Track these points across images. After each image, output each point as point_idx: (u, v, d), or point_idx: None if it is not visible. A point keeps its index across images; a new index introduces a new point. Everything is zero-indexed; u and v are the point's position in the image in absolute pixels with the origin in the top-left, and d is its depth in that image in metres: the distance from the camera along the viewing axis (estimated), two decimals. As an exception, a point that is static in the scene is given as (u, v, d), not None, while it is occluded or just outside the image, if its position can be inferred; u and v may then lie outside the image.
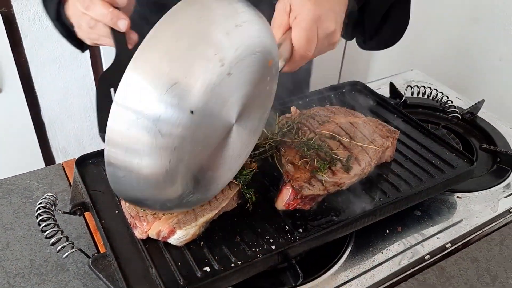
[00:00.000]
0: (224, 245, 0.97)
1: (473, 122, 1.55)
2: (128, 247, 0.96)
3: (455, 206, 1.24)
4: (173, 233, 0.94)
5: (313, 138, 1.15)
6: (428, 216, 1.20)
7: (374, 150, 1.15)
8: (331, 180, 1.06)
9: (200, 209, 0.98)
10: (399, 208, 1.11)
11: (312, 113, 1.28)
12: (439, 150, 1.25)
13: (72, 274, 1.04)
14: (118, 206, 1.04)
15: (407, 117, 1.38)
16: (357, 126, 1.23)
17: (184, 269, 0.92)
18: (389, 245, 1.12)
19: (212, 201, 1.00)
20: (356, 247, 1.11)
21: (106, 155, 0.70)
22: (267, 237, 0.99)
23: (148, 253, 0.94)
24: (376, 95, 1.47)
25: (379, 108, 1.43)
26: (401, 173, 1.18)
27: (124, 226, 1.00)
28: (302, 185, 1.02)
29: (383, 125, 1.25)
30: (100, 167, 1.15)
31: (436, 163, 1.20)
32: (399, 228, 1.16)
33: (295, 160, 1.10)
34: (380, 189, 1.12)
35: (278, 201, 1.05)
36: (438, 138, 1.29)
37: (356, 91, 1.52)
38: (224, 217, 1.03)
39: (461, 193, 1.27)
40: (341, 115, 1.27)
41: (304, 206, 1.04)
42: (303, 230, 1.01)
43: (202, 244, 0.97)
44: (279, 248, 0.96)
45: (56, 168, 1.32)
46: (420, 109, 1.61)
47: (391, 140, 1.19)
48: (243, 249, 0.96)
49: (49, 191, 1.24)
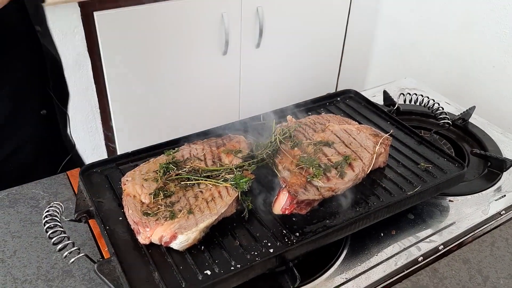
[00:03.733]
0: (224, 249, 1.01)
1: (465, 128, 1.59)
2: (131, 252, 1.00)
3: (447, 209, 1.28)
4: (174, 238, 0.98)
5: (308, 146, 1.20)
6: (421, 219, 1.24)
7: (367, 156, 1.19)
8: (326, 186, 1.10)
9: (201, 215, 1.02)
10: (393, 212, 1.15)
11: (307, 121, 1.32)
12: (431, 156, 1.29)
13: (78, 280, 1.08)
14: (122, 213, 1.08)
15: (400, 123, 1.42)
16: (351, 133, 1.27)
17: (186, 273, 0.95)
18: (383, 247, 1.16)
19: (211, 207, 1.04)
20: (352, 250, 1.15)
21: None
22: (265, 241, 1.03)
23: (151, 257, 0.98)
24: (370, 103, 1.52)
25: (373, 115, 1.48)
26: (394, 178, 1.22)
27: (127, 232, 1.04)
28: (298, 190, 1.07)
29: (376, 132, 1.29)
30: (104, 176, 1.20)
31: (428, 168, 1.24)
32: (393, 231, 1.20)
33: (291, 167, 1.15)
34: (374, 194, 1.17)
35: (275, 206, 1.09)
36: (430, 144, 1.33)
37: (351, 99, 1.57)
38: (223, 223, 1.07)
39: (453, 196, 1.31)
40: (335, 123, 1.32)
41: (300, 211, 1.08)
42: (300, 234, 1.05)
43: (203, 248, 1.01)
44: (277, 252, 1.00)
45: (61, 177, 1.36)
46: (412, 116, 1.65)
47: (384, 146, 1.23)
48: (242, 253, 1.00)
49: (55, 200, 1.28)
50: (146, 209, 1.03)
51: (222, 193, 1.07)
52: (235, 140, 1.24)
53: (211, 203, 1.05)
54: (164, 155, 1.20)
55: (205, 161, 1.16)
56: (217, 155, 1.19)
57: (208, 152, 1.19)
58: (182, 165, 1.15)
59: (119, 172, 1.21)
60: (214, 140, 1.26)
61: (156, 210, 1.02)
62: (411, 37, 2.96)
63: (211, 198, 1.06)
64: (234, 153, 1.19)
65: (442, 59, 2.77)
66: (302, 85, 3.18)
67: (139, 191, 1.08)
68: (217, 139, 1.26)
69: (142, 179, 1.11)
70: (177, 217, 1.01)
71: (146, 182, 1.10)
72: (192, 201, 1.05)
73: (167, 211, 1.02)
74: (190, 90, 2.75)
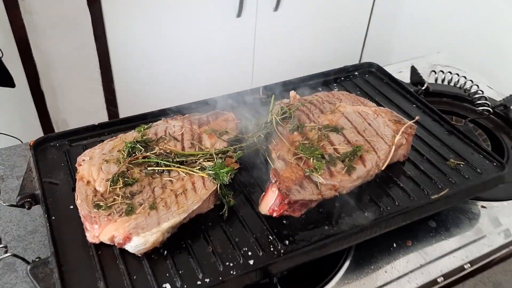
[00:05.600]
0: (193, 256, 0.81)
1: (507, 117, 1.34)
2: (77, 253, 0.81)
3: (478, 217, 1.05)
4: (129, 239, 0.78)
5: (311, 130, 0.97)
6: (445, 228, 1.02)
7: (384, 148, 0.96)
8: (328, 183, 0.88)
9: (165, 212, 0.81)
10: (410, 219, 0.93)
11: (314, 99, 1.09)
12: (463, 150, 1.06)
13: (20, 276, 0.89)
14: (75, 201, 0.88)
15: (428, 107, 1.18)
16: (366, 117, 1.04)
17: (140, 285, 0.76)
18: (395, 262, 0.95)
19: (181, 202, 0.83)
20: (355, 262, 0.94)
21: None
22: (245, 249, 0.83)
23: (100, 262, 0.79)
24: (394, 80, 1.27)
25: (396, 96, 1.23)
26: (415, 176, 0.99)
27: (78, 226, 0.84)
28: (291, 187, 0.85)
29: (398, 117, 1.06)
30: (62, 152, 1.00)
31: (458, 166, 1.01)
32: (408, 242, 0.98)
33: (287, 156, 0.92)
34: (389, 195, 0.95)
35: (262, 204, 0.87)
36: (463, 134, 1.10)
37: (371, 74, 1.32)
38: (197, 221, 0.87)
39: (487, 201, 1.09)
40: (348, 103, 1.08)
41: (293, 213, 0.86)
42: (290, 243, 0.84)
43: (166, 253, 0.81)
44: (258, 264, 0.80)
45: (22, 148, 1.17)
46: (444, 99, 1.41)
47: (406, 136, 1.00)
48: (214, 262, 0.80)
49: (10, 174, 1.09)
50: (99, 199, 0.83)
51: (197, 185, 0.86)
52: (222, 118, 1.02)
53: (181, 197, 0.84)
54: (135, 131, 0.99)
55: (182, 142, 0.95)
56: (198, 136, 0.97)
57: (187, 131, 0.98)
58: (153, 146, 0.93)
59: (81, 148, 1.01)
60: (198, 116, 1.04)
61: (111, 202, 0.82)
62: (447, 5, 2.65)
63: (182, 190, 0.85)
64: (219, 134, 0.97)
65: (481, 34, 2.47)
66: (322, 55, 2.97)
67: (95, 175, 0.87)
68: (202, 115, 1.04)
69: (102, 160, 0.91)
70: (135, 212, 0.81)
71: (106, 164, 0.90)
72: (158, 192, 0.85)
73: (124, 204, 0.82)
74: (198, 55, 2.56)
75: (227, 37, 2.62)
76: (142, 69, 2.48)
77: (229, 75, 2.73)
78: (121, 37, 2.33)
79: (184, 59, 2.55)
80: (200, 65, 2.61)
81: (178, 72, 2.58)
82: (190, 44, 2.50)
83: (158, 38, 2.42)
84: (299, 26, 2.78)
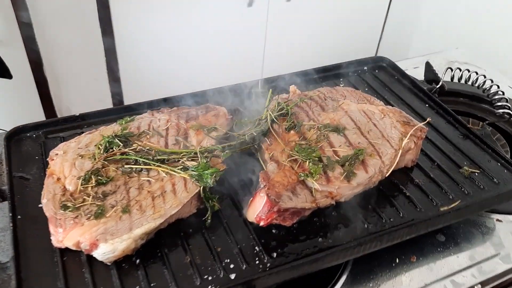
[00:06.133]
0: (167, 267, 0.73)
1: (529, 121, 1.23)
2: (40, 258, 0.73)
3: (492, 231, 0.96)
4: (95, 246, 0.70)
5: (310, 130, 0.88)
6: (455, 243, 0.92)
7: (390, 152, 0.87)
8: (324, 190, 0.79)
9: (139, 216, 0.73)
10: (416, 233, 0.84)
11: (315, 95, 0.99)
12: (479, 157, 0.97)
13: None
14: (45, 199, 0.80)
15: (442, 108, 1.09)
16: (371, 116, 0.94)
17: (105, 298, 0.68)
18: (396, 279, 0.86)
19: (158, 205, 0.75)
20: (352, 277, 0.86)
21: None
22: (227, 261, 0.74)
23: (64, 269, 0.71)
24: (406, 77, 1.17)
25: (407, 94, 1.13)
26: (424, 184, 0.90)
27: (45, 228, 0.76)
28: (281, 194, 0.76)
29: (408, 118, 0.96)
30: (38, 144, 0.92)
31: (473, 175, 0.91)
32: (412, 258, 0.89)
33: (281, 158, 0.83)
34: (392, 205, 0.86)
35: (249, 210, 0.79)
36: (479, 139, 1.01)
37: (381, 70, 1.22)
38: (176, 227, 0.79)
39: (503, 215, 0.98)
40: (353, 100, 0.98)
41: (284, 222, 0.77)
42: (278, 255, 0.76)
43: (138, 262, 0.73)
44: (240, 279, 0.72)
45: (3, 137, 1.09)
46: (460, 99, 1.30)
47: (416, 139, 0.91)
48: (191, 275, 0.72)
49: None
50: (68, 199, 0.75)
51: (177, 187, 0.78)
52: (212, 112, 0.93)
53: (159, 199, 0.76)
54: (117, 124, 0.91)
55: (166, 138, 0.87)
56: (184, 131, 0.89)
57: (173, 126, 0.89)
58: (134, 141, 0.85)
59: (59, 140, 0.94)
60: (187, 110, 0.95)
61: (80, 203, 0.74)
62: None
63: (161, 192, 0.77)
64: (207, 130, 0.88)
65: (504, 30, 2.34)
66: (337, 48, 2.86)
67: (67, 171, 0.79)
68: (191, 108, 0.95)
69: (76, 155, 0.83)
70: (105, 216, 0.73)
71: (80, 159, 0.82)
72: (133, 194, 0.76)
73: (94, 206, 0.74)
74: (207, 44, 2.48)
75: (237, 27, 2.54)
76: (149, 57, 2.41)
77: (238, 66, 2.65)
78: (128, 25, 2.26)
79: (192, 49, 2.47)
80: (208, 55, 2.54)
81: (186, 61, 2.50)
82: (198, 33, 2.42)
83: (167, 27, 2.34)
84: (313, 17, 2.69)
